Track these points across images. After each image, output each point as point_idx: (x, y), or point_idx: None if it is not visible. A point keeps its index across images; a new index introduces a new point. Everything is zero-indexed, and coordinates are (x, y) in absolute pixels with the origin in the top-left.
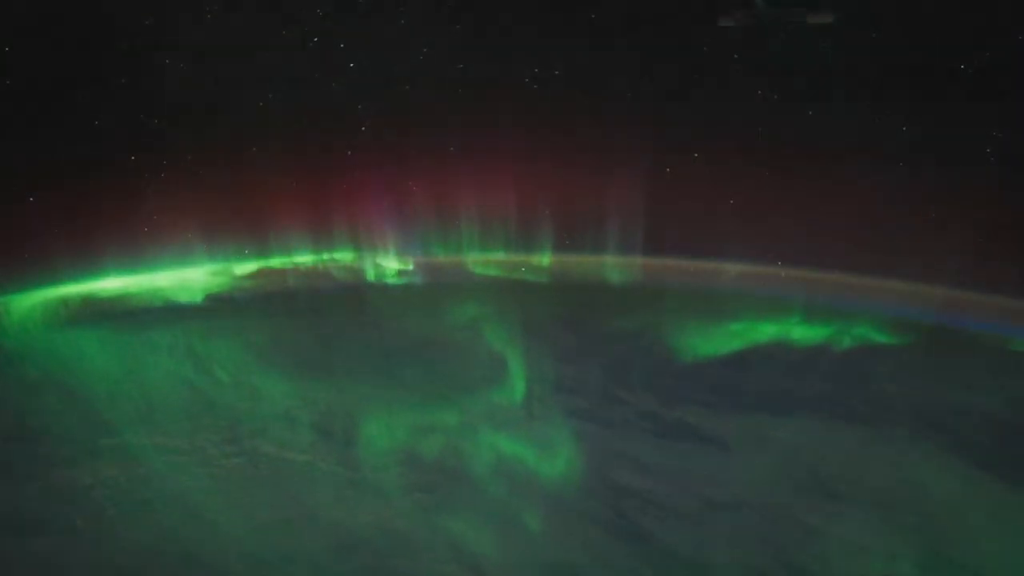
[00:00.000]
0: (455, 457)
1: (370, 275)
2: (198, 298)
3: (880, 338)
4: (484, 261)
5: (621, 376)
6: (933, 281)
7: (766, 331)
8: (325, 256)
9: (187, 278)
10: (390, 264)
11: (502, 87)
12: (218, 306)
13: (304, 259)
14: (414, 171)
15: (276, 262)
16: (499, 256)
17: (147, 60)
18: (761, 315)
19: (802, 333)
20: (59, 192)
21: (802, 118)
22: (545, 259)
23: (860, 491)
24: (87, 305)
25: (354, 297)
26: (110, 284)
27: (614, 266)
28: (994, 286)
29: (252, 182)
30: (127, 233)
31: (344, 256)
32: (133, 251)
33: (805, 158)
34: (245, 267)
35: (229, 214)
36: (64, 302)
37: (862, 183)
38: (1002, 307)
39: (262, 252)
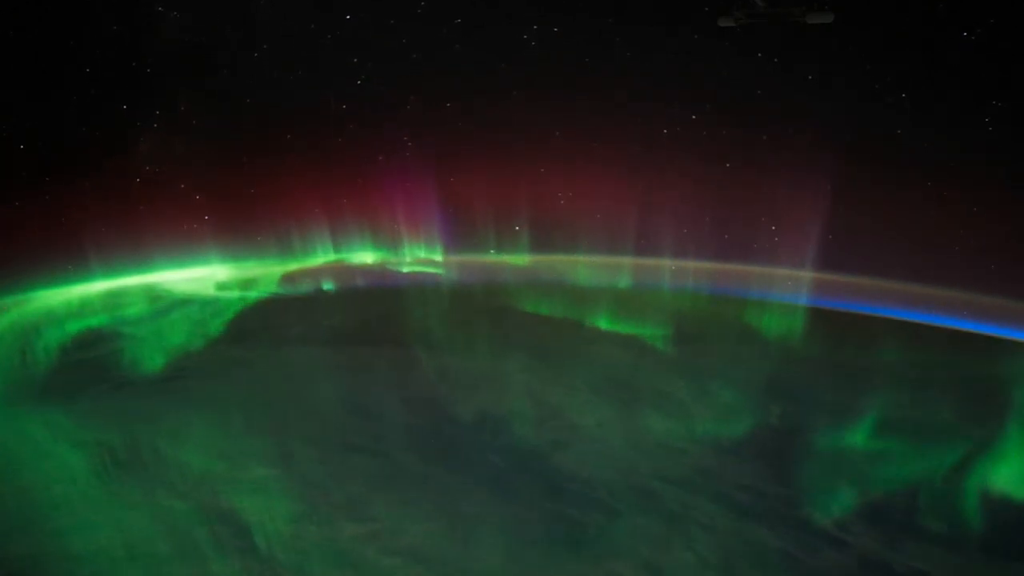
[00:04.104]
0: None
1: (398, 268)
2: (210, 324)
3: None
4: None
5: (788, 471)
6: None
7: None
8: (338, 246)
9: (193, 278)
10: (416, 257)
11: (500, 43)
12: (232, 335)
13: (326, 252)
14: (411, 126)
15: (288, 257)
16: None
17: (140, 7)
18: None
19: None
20: (48, 144)
21: None
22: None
23: None
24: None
25: (396, 315)
26: (102, 286)
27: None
28: None
29: (246, 133)
30: (119, 190)
31: (361, 245)
32: (126, 217)
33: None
34: (253, 263)
35: (223, 166)
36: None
37: None
38: None
39: (258, 220)
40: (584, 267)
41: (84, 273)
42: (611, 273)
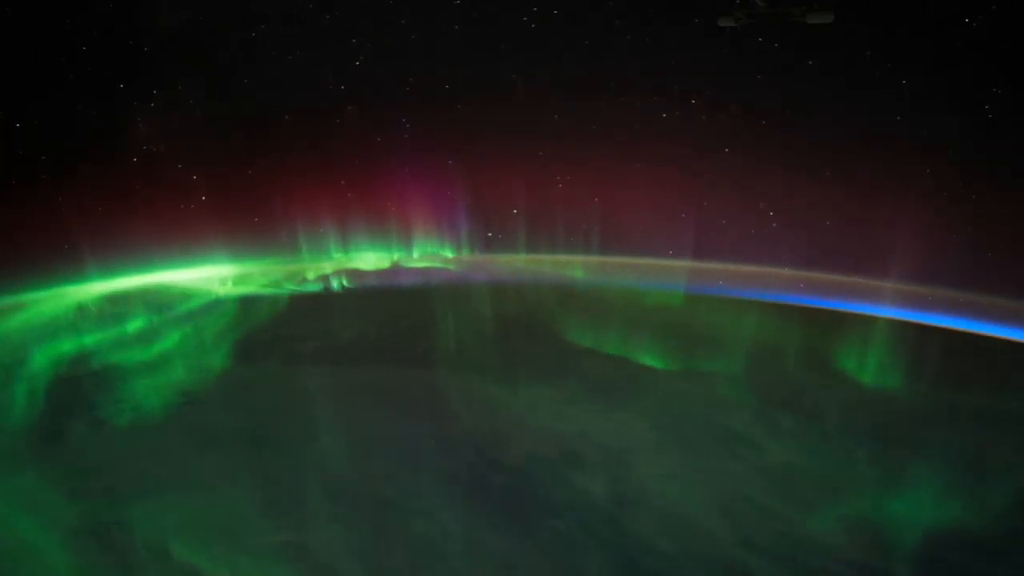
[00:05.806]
0: None
1: (412, 266)
2: (210, 336)
3: None
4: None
5: (900, 538)
6: None
7: None
8: (345, 240)
9: (192, 279)
10: (431, 254)
11: (499, 25)
12: (236, 350)
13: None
14: (409, 107)
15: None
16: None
17: None
18: None
19: None
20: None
21: None
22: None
23: None
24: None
25: (418, 326)
26: (95, 288)
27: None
28: None
29: (242, 114)
30: (113, 171)
31: (369, 240)
32: (121, 202)
33: None
34: (255, 258)
35: (220, 148)
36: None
37: None
38: None
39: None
40: (623, 269)
41: (76, 270)
42: (651, 276)
